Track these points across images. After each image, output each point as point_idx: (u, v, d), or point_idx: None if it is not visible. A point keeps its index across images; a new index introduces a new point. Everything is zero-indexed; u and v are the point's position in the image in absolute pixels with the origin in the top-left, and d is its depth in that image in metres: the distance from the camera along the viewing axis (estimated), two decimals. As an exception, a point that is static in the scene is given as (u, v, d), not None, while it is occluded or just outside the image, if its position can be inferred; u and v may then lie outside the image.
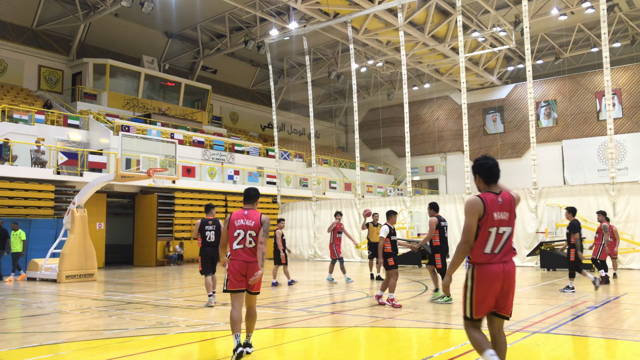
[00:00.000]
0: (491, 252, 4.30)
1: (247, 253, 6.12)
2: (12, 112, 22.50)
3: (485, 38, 32.71)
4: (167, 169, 16.05)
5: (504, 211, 4.38)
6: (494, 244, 4.30)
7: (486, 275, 4.27)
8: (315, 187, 28.50)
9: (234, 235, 6.16)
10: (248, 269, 6.10)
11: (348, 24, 26.04)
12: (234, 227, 6.18)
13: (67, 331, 8.15)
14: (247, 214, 6.21)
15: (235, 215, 6.23)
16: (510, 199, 4.45)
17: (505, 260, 4.34)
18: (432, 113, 44.75)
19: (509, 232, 4.37)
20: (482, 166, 4.57)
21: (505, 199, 4.44)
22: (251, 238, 6.12)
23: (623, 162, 35.33)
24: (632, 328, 7.65)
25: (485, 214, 4.31)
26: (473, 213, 4.35)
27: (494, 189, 4.49)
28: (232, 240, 6.16)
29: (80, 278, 16.06)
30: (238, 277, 6.10)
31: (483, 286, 4.27)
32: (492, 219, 4.31)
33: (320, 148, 42.98)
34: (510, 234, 4.39)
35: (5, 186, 19.22)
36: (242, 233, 6.13)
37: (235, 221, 6.19)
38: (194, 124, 32.60)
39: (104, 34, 31.18)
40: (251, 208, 6.31)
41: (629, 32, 34.66)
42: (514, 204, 4.46)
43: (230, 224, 6.21)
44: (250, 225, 6.14)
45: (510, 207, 4.43)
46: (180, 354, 6.76)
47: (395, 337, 7.20)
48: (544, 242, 18.13)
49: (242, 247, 6.12)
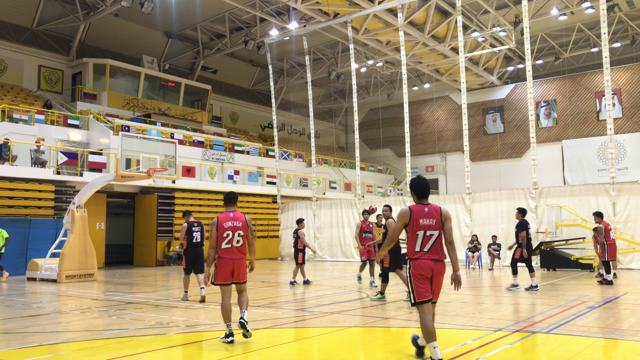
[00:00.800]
0: (420, 249, 5.48)
1: (235, 251, 6.88)
2: (12, 112, 22.50)
3: (485, 38, 32.71)
4: (167, 169, 16.04)
5: (431, 218, 5.48)
6: (422, 243, 5.47)
7: (418, 267, 5.46)
8: (315, 187, 28.50)
9: (223, 236, 6.85)
10: (235, 265, 6.87)
11: (348, 24, 26.04)
12: (223, 228, 6.86)
13: (67, 331, 8.15)
14: (233, 216, 6.92)
15: (223, 218, 6.90)
16: (437, 209, 5.55)
17: (434, 259, 5.46)
18: (432, 113, 44.75)
19: (436, 235, 5.47)
20: (415, 185, 5.68)
21: (432, 209, 5.55)
22: (239, 237, 6.90)
23: (623, 162, 35.33)
24: (632, 328, 7.65)
25: (412, 221, 5.47)
26: (400, 219, 5.58)
27: (423, 202, 5.62)
28: (222, 241, 6.85)
29: (80, 278, 16.06)
30: (227, 273, 6.84)
31: (417, 275, 5.45)
32: (419, 224, 5.47)
33: (320, 148, 42.98)
34: (438, 237, 5.48)
35: (5, 186, 19.22)
36: (231, 234, 6.87)
37: (224, 223, 6.87)
38: (194, 124, 32.60)
39: (104, 34, 31.18)
40: (234, 210, 7.04)
41: (629, 32, 34.66)
42: (442, 214, 5.53)
43: (219, 226, 6.86)
44: (239, 225, 6.92)
45: (437, 216, 5.51)
46: (180, 354, 6.76)
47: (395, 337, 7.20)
48: (544, 242, 18.14)
49: (230, 247, 6.86)
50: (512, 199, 20.15)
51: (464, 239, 20.98)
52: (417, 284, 5.44)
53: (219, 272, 6.87)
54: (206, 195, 25.99)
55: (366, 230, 13.34)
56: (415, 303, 5.48)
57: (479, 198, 21.08)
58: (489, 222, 20.43)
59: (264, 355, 6.41)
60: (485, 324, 8.09)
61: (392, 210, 11.31)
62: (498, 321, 8.26)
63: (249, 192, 28.08)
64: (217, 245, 6.88)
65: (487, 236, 19.92)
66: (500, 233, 19.88)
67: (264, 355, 6.38)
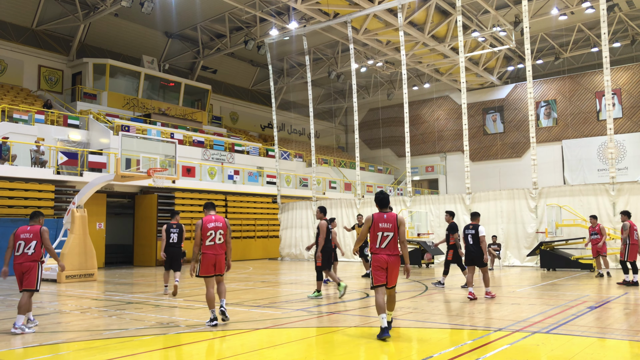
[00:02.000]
0: (378, 246, 7.14)
1: (217, 248, 8.11)
2: (12, 112, 22.50)
3: (485, 38, 32.71)
4: (167, 169, 16.04)
5: (388, 223, 7.17)
6: (380, 242, 7.14)
7: (376, 260, 7.14)
8: (315, 187, 28.50)
9: (207, 235, 8.07)
10: (217, 260, 8.10)
11: (348, 24, 26.04)
12: (207, 229, 8.08)
13: (67, 331, 8.15)
14: (214, 219, 8.22)
15: (206, 220, 8.15)
16: (394, 216, 7.24)
17: (389, 253, 7.12)
18: (432, 113, 44.75)
19: (391, 236, 7.13)
20: (377, 198, 7.40)
21: (390, 216, 7.25)
22: (220, 236, 8.15)
23: (623, 162, 35.34)
24: (632, 328, 7.65)
25: (374, 224, 7.19)
26: (366, 222, 7.31)
27: (383, 210, 7.33)
28: (205, 239, 8.07)
29: (80, 278, 16.06)
30: (210, 266, 8.06)
31: (375, 266, 7.15)
32: (378, 227, 7.17)
33: (320, 148, 42.99)
34: (393, 237, 7.13)
35: (5, 186, 19.22)
36: (214, 233, 8.10)
37: (208, 224, 8.12)
38: (194, 124, 32.60)
39: (104, 34, 31.19)
40: (215, 213, 8.37)
41: (629, 32, 34.67)
42: (397, 220, 7.19)
43: (204, 227, 8.08)
44: (220, 226, 8.18)
45: (393, 221, 7.18)
46: (180, 354, 6.77)
47: (395, 337, 7.20)
48: (544, 242, 18.13)
49: (213, 244, 8.09)
50: (512, 199, 20.14)
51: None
52: (375, 273, 7.14)
53: (202, 266, 8.04)
54: (206, 195, 25.98)
55: None
56: (373, 287, 7.16)
57: (479, 198, 21.08)
58: (489, 222, 20.41)
59: (264, 355, 6.41)
60: (485, 324, 8.09)
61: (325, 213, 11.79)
62: (498, 321, 8.26)
63: (249, 192, 28.08)
64: (201, 244, 8.04)
65: (487, 236, 19.89)
66: (500, 233, 19.88)
67: (264, 355, 6.38)
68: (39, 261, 8.11)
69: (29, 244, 8.06)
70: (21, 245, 8.05)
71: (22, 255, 8.02)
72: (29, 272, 7.99)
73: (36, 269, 8.03)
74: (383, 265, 7.11)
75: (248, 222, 27.69)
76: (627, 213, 13.62)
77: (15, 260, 8.06)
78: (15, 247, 8.07)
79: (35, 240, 8.08)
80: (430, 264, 20.35)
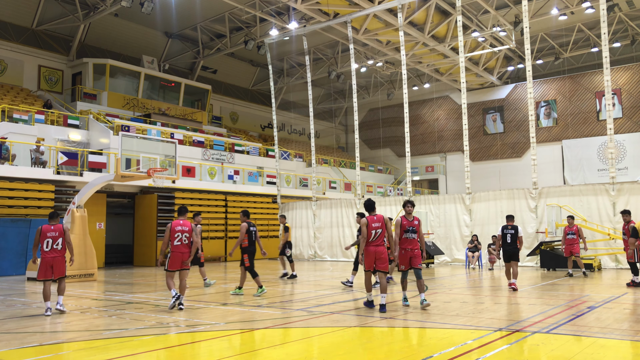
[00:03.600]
0: (371, 240, 9.36)
1: (182, 248, 9.86)
2: (12, 112, 22.49)
3: (485, 38, 32.71)
4: (167, 169, 16.03)
5: (378, 222, 9.42)
6: (373, 236, 9.36)
7: (367, 252, 9.38)
8: (315, 187, 28.50)
9: (175, 237, 9.80)
10: (183, 257, 9.88)
11: (348, 24, 26.04)
12: (175, 231, 9.82)
13: (67, 331, 8.15)
14: (182, 223, 9.94)
15: (174, 224, 9.88)
16: (381, 217, 9.49)
17: (377, 245, 9.38)
18: (432, 113, 44.75)
19: (380, 232, 9.38)
20: (366, 204, 9.74)
21: (378, 217, 9.49)
22: (185, 238, 9.89)
23: (623, 162, 35.34)
24: (632, 328, 7.65)
25: (368, 224, 9.36)
26: (364, 224, 9.40)
27: (372, 214, 9.56)
28: (173, 240, 9.80)
29: (80, 278, 16.06)
30: (177, 263, 9.88)
31: (366, 255, 9.40)
32: (372, 226, 9.37)
33: (320, 148, 42.99)
34: (381, 232, 9.38)
35: (5, 186, 19.21)
36: (180, 235, 9.84)
37: (176, 227, 9.84)
38: (193, 124, 32.60)
39: (104, 34, 31.18)
40: (185, 219, 10.07)
41: (629, 32, 34.66)
42: (384, 219, 9.46)
43: (172, 230, 9.80)
44: (186, 229, 9.93)
45: (381, 220, 9.44)
46: (180, 354, 6.76)
47: (395, 337, 7.20)
48: (544, 242, 18.13)
49: (180, 244, 9.83)
50: (512, 199, 20.14)
51: (464, 239, 20.99)
52: (366, 260, 9.41)
53: (171, 261, 9.86)
54: (206, 195, 25.99)
55: None
56: (366, 270, 9.58)
57: (479, 198, 21.08)
58: (489, 222, 20.42)
59: (264, 355, 6.41)
60: (485, 324, 8.09)
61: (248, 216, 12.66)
62: (498, 321, 8.26)
63: (249, 192, 28.07)
64: (169, 244, 9.82)
65: (487, 236, 19.91)
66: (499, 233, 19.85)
67: (264, 355, 6.38)
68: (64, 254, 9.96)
69: (56, 240, 9.80)
70: (49, 242, 9.73)
71: (53, 251, 9.75)
72: (60, 264, 9.84)
73: (64, 261, 9.98)
74: (372, 256, 9.33)
75: (248, 222, 27.66)
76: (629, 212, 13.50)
77: (47, 254, 9.71)
78: (43, 243, 9.69)
79: (61, 237, 9.87)
80: (430, 264, 20.35)
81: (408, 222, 9.64)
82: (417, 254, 9.59)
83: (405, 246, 9.60)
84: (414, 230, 9.61)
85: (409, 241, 9.59)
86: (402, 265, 9.70)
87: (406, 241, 9.59)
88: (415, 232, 9.63)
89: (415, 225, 9.65)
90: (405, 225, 9.61)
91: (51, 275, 9.75)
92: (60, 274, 9.86)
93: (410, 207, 9.77)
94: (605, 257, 18.11)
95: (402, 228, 9.59)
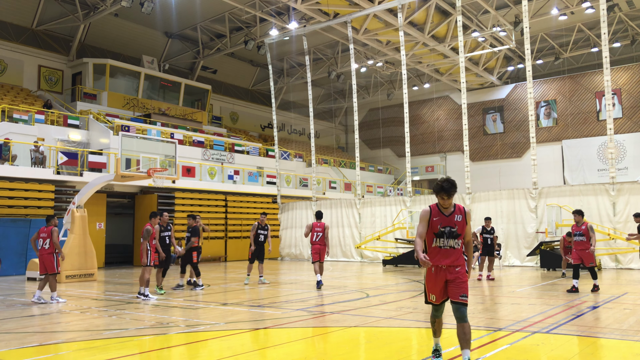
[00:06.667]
0: (314, 240, 13.20)
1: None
2: (12, 112, 22.49)
3: (485, 38, 32.71)
4: (167, 169, 16.04)
5: (319, 227, 13.23)
6: (315, 237, 13.16)
7: (313, 248, 13.14)
8: (315, 187, 28.50)
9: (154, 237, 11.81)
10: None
11: (348, 24, 26.04)
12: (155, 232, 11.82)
13: (67, 331, 8.15)
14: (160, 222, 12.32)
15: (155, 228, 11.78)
16: (322, 224, 13.19)
17: (320, 244, 13.05)
18: (432, 113, 44.75)
19: (321, 234, 13.17)
20: (316, 214, 13.60)
21: (320, 224, 13.25)
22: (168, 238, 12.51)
23: (623, 162, 35.33)
24: (632, 328, 7.65)
25: (312, 227, 13.21)
26: (307, 227, 13.25)
27: (317, 220, 13.40)
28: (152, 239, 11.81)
29: (80, 278, 16.06)
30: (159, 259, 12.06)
31: (313, 250, 13.17)
32: (315, 229, 13.18)
33: (320, 148, 42.98)
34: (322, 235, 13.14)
35: (5, 186, 19.21)
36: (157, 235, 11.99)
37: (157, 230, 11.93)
38: (193, 124, 32.60)
39: (104, 34, 31.18)
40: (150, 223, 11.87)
41: (629, 32, 34.66)
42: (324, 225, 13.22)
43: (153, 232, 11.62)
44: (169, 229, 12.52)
45: (322, 226, 13.21)
46: (180, 354, 6.76)
47: (395, 337, 7.20)
48: (544, 242, 18.13)
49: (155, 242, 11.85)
50: (512, 199, 20.15)
51: (464, 239, 20.95)
52: (313, 255, 13.06)
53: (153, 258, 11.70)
54: (206, 195, 25.99)
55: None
56: (313, 262, 13.07)
57: (479, 198, 21.08)
58: (489, 222, 20.40)
59: (264, 355, 6.41)
60: (485, 324, 8.09)
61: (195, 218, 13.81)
62: (498, 321, 8.26)
63: (249, 192, 28.07)
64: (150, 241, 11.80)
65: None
66: (500, 233, 19.86)
67: (264, 355, 6.38)
68: (54, 252, 11.18)
69: (45, 240, 11.20)
70: (40, 242, 11.23)
71: (42, 249, 11.20)
72: (48, 261, 11.14)
73: (52, 258, 11.17)
74: (317, 251, 13.00)
75: (248, 222, 27.65)
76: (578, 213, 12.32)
77: (39, 253, 11.26)
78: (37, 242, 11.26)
79: (49, 238, 11.18)
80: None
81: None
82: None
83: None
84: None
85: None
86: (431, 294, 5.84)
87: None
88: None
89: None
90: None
91: (44, 271, 11.22)
92: (50, 270, 11.17)
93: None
94: (605, 257, 18.11)
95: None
